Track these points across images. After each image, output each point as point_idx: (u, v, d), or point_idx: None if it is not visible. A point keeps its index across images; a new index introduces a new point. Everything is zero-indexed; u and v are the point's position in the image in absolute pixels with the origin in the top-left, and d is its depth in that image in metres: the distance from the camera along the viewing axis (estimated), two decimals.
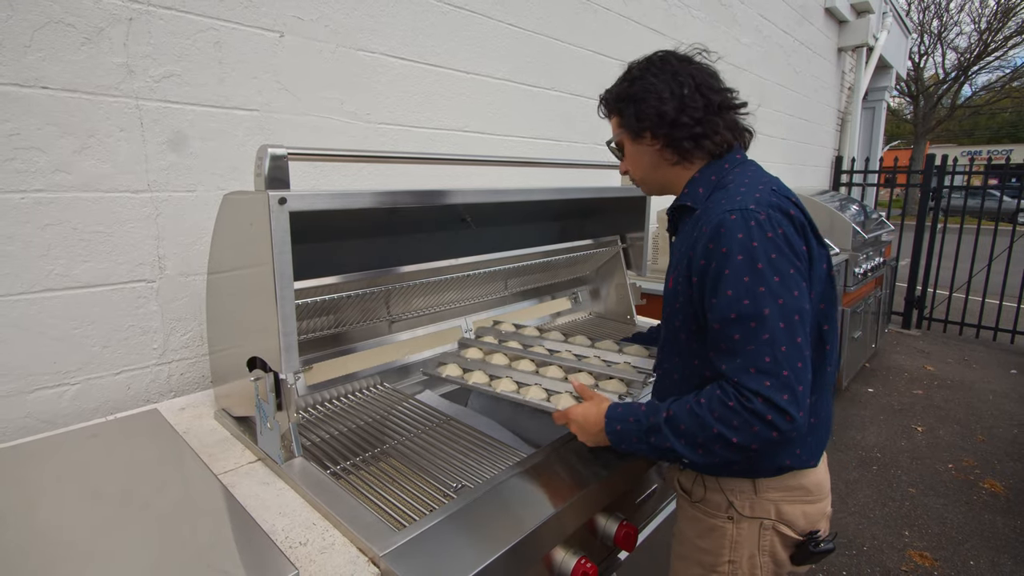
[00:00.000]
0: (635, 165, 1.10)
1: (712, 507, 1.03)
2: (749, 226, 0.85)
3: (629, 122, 1.04)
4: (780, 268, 0.84)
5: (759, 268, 0.84)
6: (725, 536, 1.01)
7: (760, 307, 0.83)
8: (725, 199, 0.91)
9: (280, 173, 0.97)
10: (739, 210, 0.87)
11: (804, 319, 0.85)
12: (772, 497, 0.99)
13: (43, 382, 1.21)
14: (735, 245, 0.85)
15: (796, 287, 0.85)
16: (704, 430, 0.86)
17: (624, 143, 1.09)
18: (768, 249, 0.85)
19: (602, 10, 2.61)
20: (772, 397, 0.82)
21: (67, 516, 0.83)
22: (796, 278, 0.86)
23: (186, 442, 1.09)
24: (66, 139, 1.19)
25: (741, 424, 0.83)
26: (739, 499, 0.99)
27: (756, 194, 0.90)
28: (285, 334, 0.96)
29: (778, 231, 0.86)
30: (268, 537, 0.79)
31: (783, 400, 0.82)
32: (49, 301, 1.20)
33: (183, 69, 1.33)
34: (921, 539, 2.50)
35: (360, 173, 1.74)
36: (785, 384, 0.82)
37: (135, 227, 1.30)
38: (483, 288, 1.73)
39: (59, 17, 1.16)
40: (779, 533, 1.00)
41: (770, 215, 0.87)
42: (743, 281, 0.84)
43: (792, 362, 0.83)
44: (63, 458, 1.02)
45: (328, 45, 1.61)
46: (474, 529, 0.85)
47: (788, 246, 0.86)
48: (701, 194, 1.00)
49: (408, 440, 1.16)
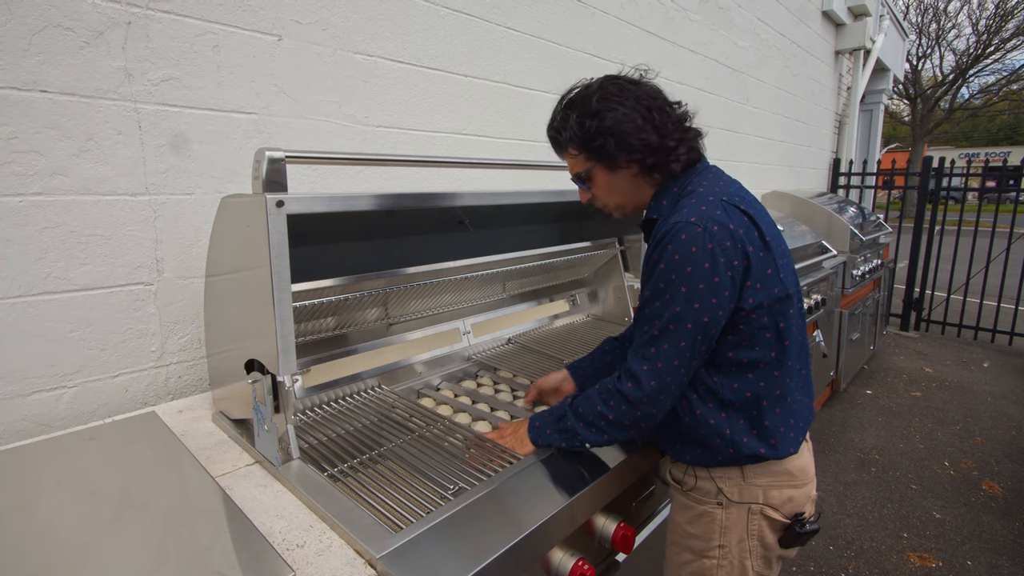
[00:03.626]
0: (611, 193, 1.10)
1: (702, 494, 1.08)
2: (679, 239, 0.93)
3: (605, 155, 1.03)
4: (690, 280, 0.92)
5: (672, 278, 0.93)
6: (715, 521, 1.06)
7: (661, 310, 0.95)
8: (679, 210, 0.98)
9: (277, 176, 0.98)
10: (680, 222, 0.94)
11: (697, 329, 0.94)
12: (759, 483, 1.04)
13: (40, 385, 1.21)
14: (665, 254, 0.94)
15: (698, 300, 0.92)
16: (591, 408, 1.03)
17: (595, 173, 1.08)
18: (686, 261, 0.92)
19: (600, 13, 2.62)
20: (642, 379, 0.96)
21: (64, 519, 0.83)
22: (703, 292, 0.92)
23: (184, 444, 1.09)
24: (64, 142, 1.19)
25: (615, 402, 0.99)
26: (727, 485, 1.05)
27: (703, 207, 0.95)
28: (282, 336, 0.97)
29: (706, 246, 0.91)
30: (265, 539, 0.80)
31: (649, 385, 0.95)
32: (47, 304, 1.20)
33: (181, 72, 1.34)
34: (920, 541, 2.51)
35: (358, 176, 1.74)
36: (655, 372, 0.95)
37: (133, 230, 1.30)
38: (481, 290, 1.73)
39: (57, 21, 1.16)
40: (766, 517, 1.05)
41: (706, 227, 0.92)
42: (658, 286, 0.95)
43: (669, 359, 0.95)
44: (60, 461, 1.02)
45: (326, 48, 1.62)
46: (471, 531, 0.85)
47: (711, 259, 0.92)
48: (665, 206, 1.05)
49: (406, 442, 1.16)
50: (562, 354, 1.69)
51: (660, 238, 0.96)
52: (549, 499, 0.95)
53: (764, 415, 1.02)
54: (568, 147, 1.08)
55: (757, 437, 1.02)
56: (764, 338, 1.00)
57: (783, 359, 1.02)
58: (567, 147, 1.08)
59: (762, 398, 1.01)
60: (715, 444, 1.03)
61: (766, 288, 0.98)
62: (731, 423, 1.02)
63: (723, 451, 1.03)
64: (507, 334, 1.85)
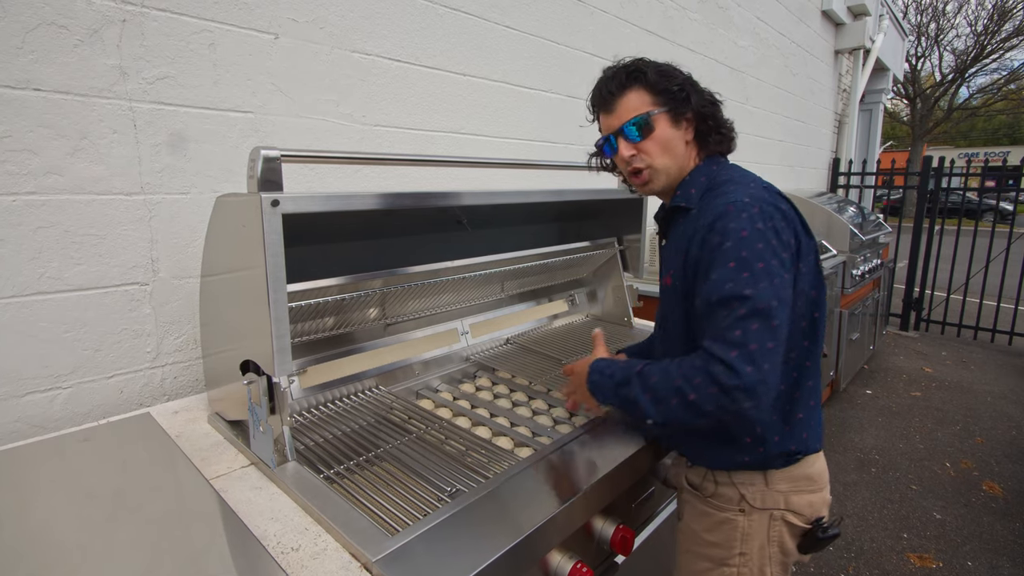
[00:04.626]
0: (664, 150, 1.03)
1: (724, 501, 1.04)
2: (741, 217, 0.90)
3: (675, 101, 1.00)
4: (765, 256, 0.88)
5: (743, 256, 0.88)
6: (736, 529, 1.03)
7: (741, 289, 0.87)
8: (721, 195, 0.96)
9: (273, 175, 0.97)
10: (734, 202, 0.92)
11: (782, 306, 0.88)
12: (781, 488, 1.01)
13: (34, 386, 1.20)
14: (728, 234, 0.90)
15: (777, 276, 0.89)
16: (668, 383, 0.92)
17: (659, 123, 1.01)
18: (756, 239, 0.89)
19: (599, 12, 2.61)
20: (735, 365, 0.85)
21: (57, 522, 0.82)
22: (778, 268, 0.89)
23: (178, 446, 1.08)
24: (58, 141, 1.18)
25: (702, 382, 0.87)
26: (750, 492, 1.02)
27: (750, 189, 0.95)
28: (278, 337, 0.95)
29: (768, 224, 0.90)
30: (259, 543, 0.79)
31: (747, 372, 0.84)
32: (41, 304, 1.19)
33: (177, 71, 1.33)
34: (920, 541, 2.50)
35: (356, 176, 1.73)
36: (750, 357, 0.85)
37: (128, 229, 1.29)
38: (480, 290, 1.72)
39: (51, 19, 1.15)
40: (787, 523, 1.02)
41: (762, 208, 0.91)
42: (728, 267, 0.89)
43: (762, 340, 0.86)
44: (54, 463, 1.01)
45: (323, 47, 1.61)
46: (468, 534, 0.84)
47: (776, 237, 0.91)
48: (694, 195, 1.03)
49: (403, 444, 1.15)
50: (561, 354, 1.68)
51: (714, 219, 0.92)
52: (547, 501, 0.94)
53: (797, 407, 1.00)
54: (633, 86, 1.01)
55: (789, 433, 1.00)
56: (800, 327, 0.98)
57: (814, 350, 1.01)
58: (632, 86, 1.01)
59: (796, 389, 1.00)
60: (743, 444, 1.00)
61: (808, 274, 0.97)
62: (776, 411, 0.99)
63: (751, 451, 1.00)
64: (506, 334, 1.84)
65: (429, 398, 1.46)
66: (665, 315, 1.09)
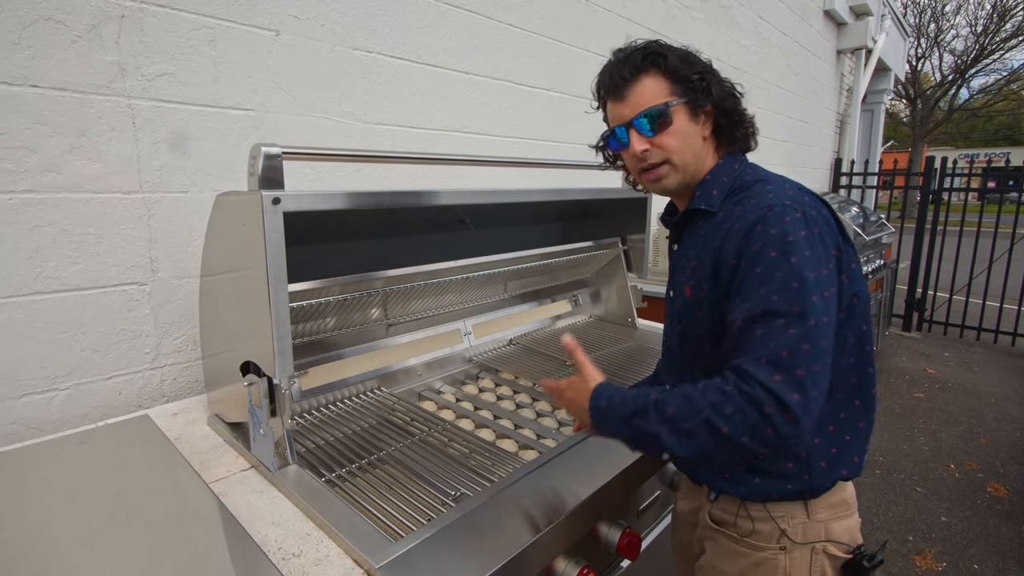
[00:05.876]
0: (682, 143, 0.91)
1: (762, 539, 0.92)
2: (784, 222, 0.79)
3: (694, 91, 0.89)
4: (813, 267, 0.78)
5: (792, 263, 0.77)
6: (777, 569, 0.91)
7: (791, 304, 0.76)
8: (755, 197, 0.86)
9: (274, 173, 0.95)
10: (774, 206, 0.81)
11: (831, 324, 0.78)
12: (822, 517, 0.92)
13: (31, 387, 1.18)
14: (770, 241, 0.79)
15: (827, 288, 0.78)
16: (693, 415, 0.76)
17: (676, 115, 0.90)
18: (802, 246, 0.78)
19: (602, 11, 2.59)
20: (779, 393, 0.72)
21: (52, 527, 0.80)
22: (827, 281, 0.79)
23: (177, 449, 1.06)
24: (56, 138, 1.16)
25: (734, 412, 0.74)
26: (791, 526, 0.91)
27: (789, 192, 0.85)
28: (279, 338, 0.94)
29: (813, 230, 0.80)
30: (260, 548, 0.77)
31: (793, 399, 0.72)
32: (38, 304, 1.17)
33: (177, 68, 1.31)
34: (926, 544, 2.48)
35: (358, 174, 1.72)
36: (798, 383, 0.73)
37: (127, 228, 1.27)
38: (482, 291, 1.70)
39: (49, 14, 1.13)
40: (828, 555, 0.92)
41: (805, 212, 0.81)
42: (775, 277, 0.77)
43: (810, 363, 0.74)
44: (50, 467, 0.99)
45: (325, 44, 1.59)
46: (473, 539, 0.83)
47: (822, 245, 0.80)
48: (716, 196, 0.92)
49: (406, 446, 1.13)
50: (564, 355, 1.67)
51: (752, 224, 0.81)
52: (553, 506, 0.92)
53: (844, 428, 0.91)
54: (650, 71, 0.90)
55: (837, 456, 0.90)
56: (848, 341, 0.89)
57: (864, 364, 0.91)
58: (648, 70, 0.90)
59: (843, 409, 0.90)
60: (785, 470, 0.89)
61: (852, 283, 0.87)
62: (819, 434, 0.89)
63: (795, 478, 0.89)
64: (508, 335, 1.82)
65: (432, 400, 1.44)
66: (685, 332, 0.95)
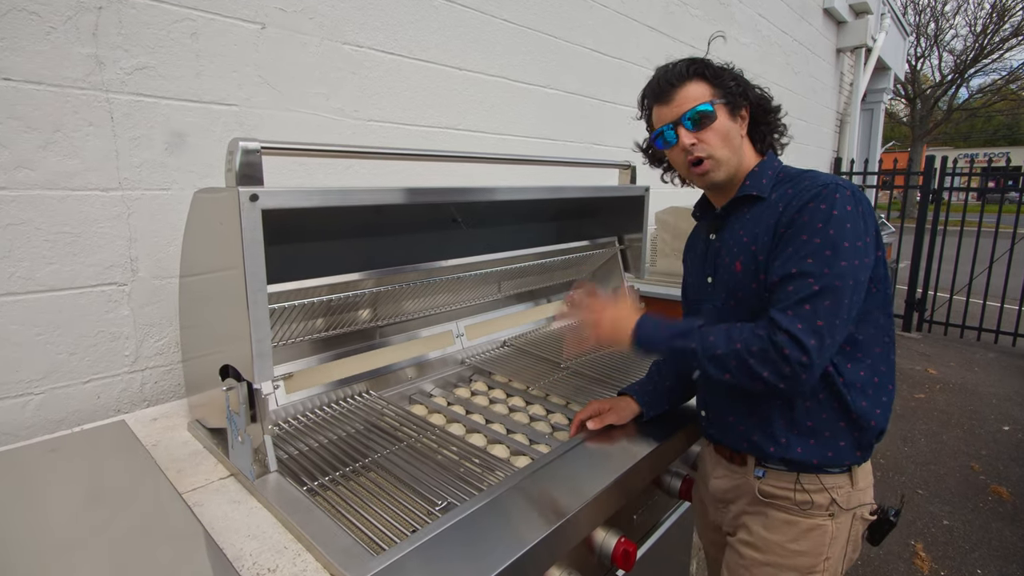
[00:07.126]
0: (724, 140, 1.05)
1: (815, 508, 1.03)
2: (834, 198, 0.92)
3: (732, 94, 1.04)
4: (850, 237, 0.90)
5: (831, 234, 0.90)
6: (826, 534, 1.03)
7: (820, 267, 0.89)
8: (808, 179, 0.99)
9: (252, 169, 0.91)
10: (828, 184, 0.95)
11: (858, 288, 0.91)
12: (862, 486, 1.04)
13: (5, 391, 1.14)
14: (819, 213, 0.92)
15: (859, 257, 0.91)
16: (728, 344, 0.94)
17: (719, 113, 1.04)
18: (846, 219, 0.91)
19: (599, 7, 2.55)
20: (799, 336, 0.87)
21: (8, 542, 0.76)
22: (862, 250, 0.91)
23: (152, 456, 1.01)
24: (30, 134, 1.12)
25: (760, 350, 0.90)
26: (840, 494, 1.02)
27: (837, 177, 0.98)
28: (258, 341, 0.89)
29: (858, 208, 0.93)
30: (231, 565, 0.73)
31: (811, 344, 0.87)
32: (11, 305, 1.13)
33: (157, 61, 1.27)
34: (928, 547, 2.44)
35: (347, 172, 1.67)
36: (815, 331, 0.88)
37: (105, 227, 1.23)
38: (476, 291, 1.66)
39: (23, 5, 1.09)
40: (862, 519, 1.06)
41: (854, 192, 0.95)
42: (814, 243, 0.91)
43: (830, 317, 0.88)
44: (13, 476, 0.94)
45: (313, 38, 1.55)
46: (461, 551, 0.78)
47: (863, 221, 0.93)
48: (765, 184, 1.05)
49: (393, 452, 1.09)
50: (559, 357, 1.62)
51: (808, 200, 0.94)
52: (546, 514, 0.88)
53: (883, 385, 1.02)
54: (694, 78, 1.05)
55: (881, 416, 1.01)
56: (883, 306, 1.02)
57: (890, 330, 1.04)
58: (693, 78, 1.05)
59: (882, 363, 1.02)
60: (838, 428, 1.00)
61: (882, 264, 1.00)
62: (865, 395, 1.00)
63: (848, 435, 1.00)
64: (502, 336, 1.78)
65: (422, 403, 1.40)
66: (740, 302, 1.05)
